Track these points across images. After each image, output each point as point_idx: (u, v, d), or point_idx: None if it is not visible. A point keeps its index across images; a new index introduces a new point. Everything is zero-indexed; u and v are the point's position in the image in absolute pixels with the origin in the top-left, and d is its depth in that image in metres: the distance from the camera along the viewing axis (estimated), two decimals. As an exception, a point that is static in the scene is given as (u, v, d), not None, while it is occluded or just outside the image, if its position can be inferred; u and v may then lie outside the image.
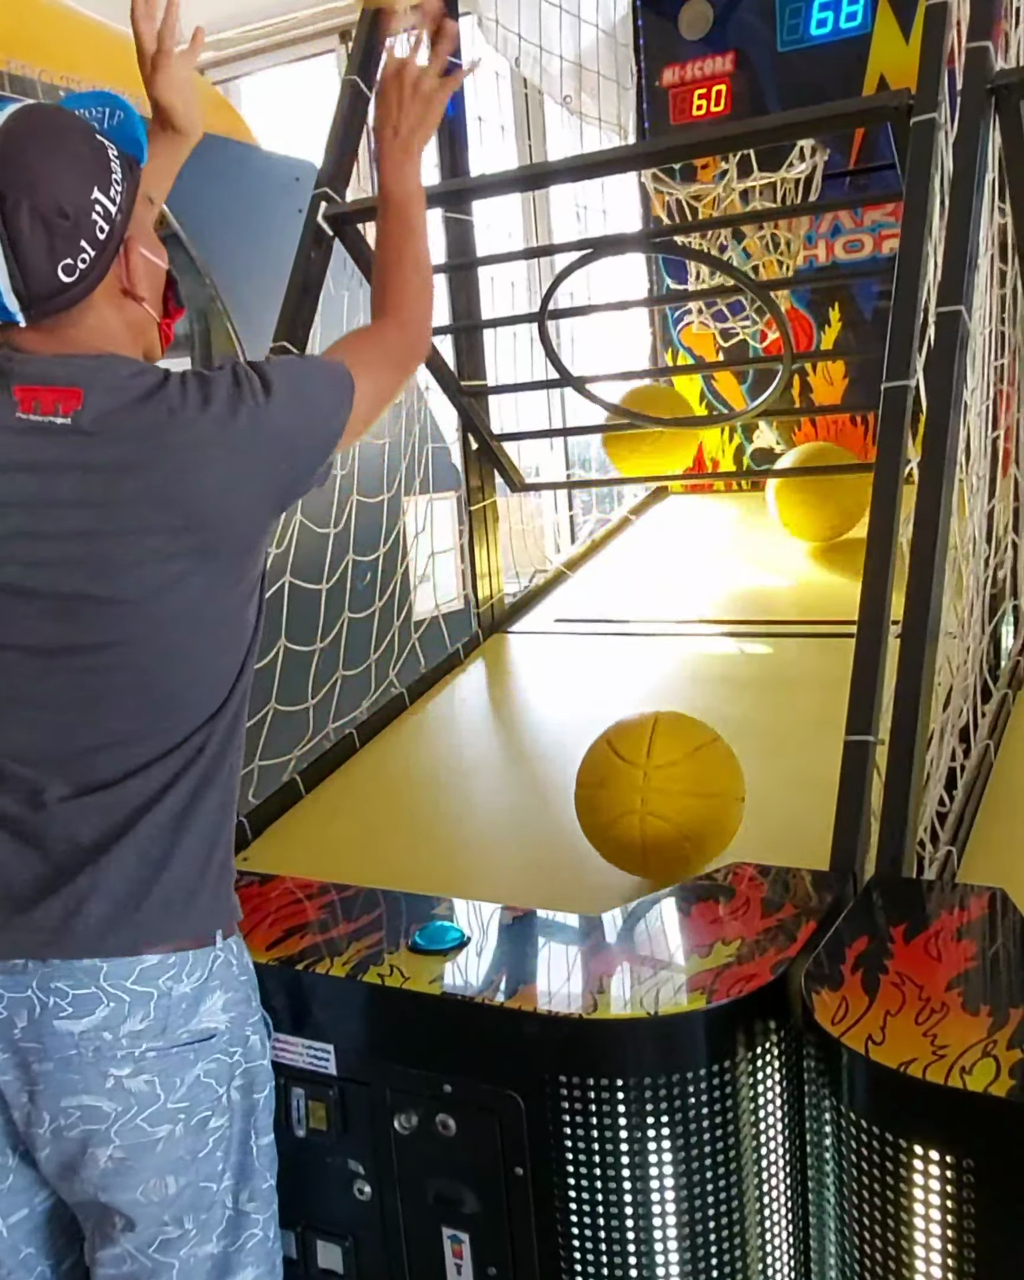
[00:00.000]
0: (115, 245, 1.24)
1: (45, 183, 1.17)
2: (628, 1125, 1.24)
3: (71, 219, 1.18)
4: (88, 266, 1.21)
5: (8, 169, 1.16)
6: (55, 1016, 1.21)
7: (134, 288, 1.28)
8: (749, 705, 2.47)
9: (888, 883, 1.48)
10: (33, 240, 1.16)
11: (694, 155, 3.07)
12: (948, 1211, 1.07)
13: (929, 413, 1.72)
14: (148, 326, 1.33)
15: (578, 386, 2.78)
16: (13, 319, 1.21)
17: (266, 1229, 1.34)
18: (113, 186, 1.22)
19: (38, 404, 1.20)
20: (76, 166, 1.20)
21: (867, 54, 3.52)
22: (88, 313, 1.24)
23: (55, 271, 1.18)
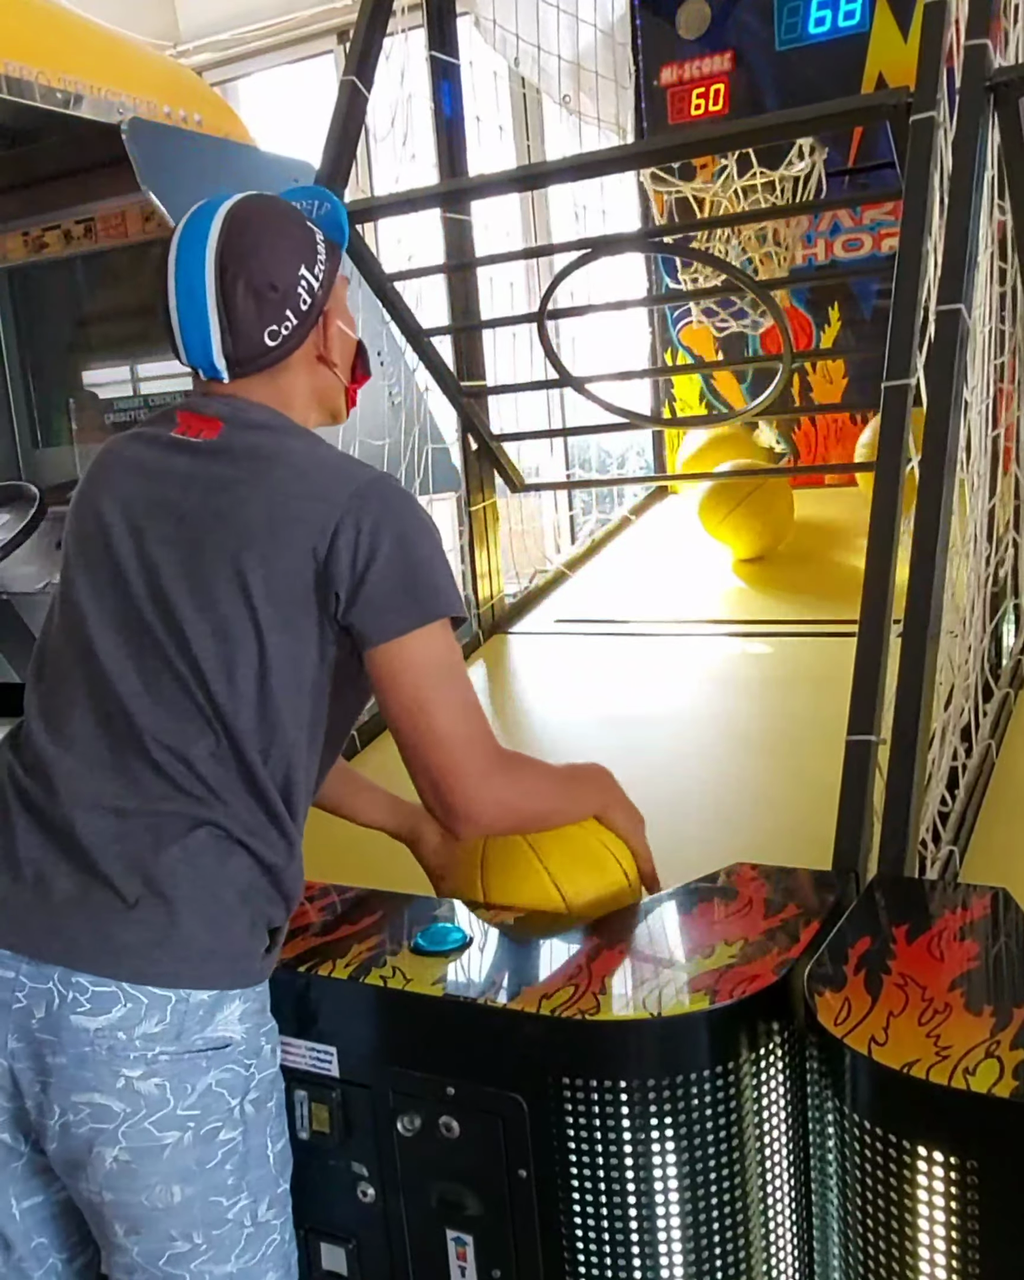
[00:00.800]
0: (315, 316, 1.40)
1: (261, 260, 1.35)
2: (631, 1127, 1.23)
3: (280, 292, 1.36)
4: (290, 334, 1.38)
5: (232, 248, 1.34)
6: (73, 1011, 1.22)
7: (329, 354, 1.44)
8: (750, 705, 2.47)
9: (890, 883, 1.48)
10: (245, 309, 1.34)
11: (692, 154, 3.08)
12: (951, 1213, 1.07)
13: (929, 411, 1.72)
14: (336, 391, 1.48)
15: (577, 386, 2.78)
16: (218, 376, 1.39)
17: (283, 1232, 1.35)
18: (317, 265, 1.39)
19: (188, 426, 1.38)
20: (288, 246, 1.37)
21: (865, 52, 3.52)
22: (283, 374, 1.41)
23: (262, 336, 1.36)
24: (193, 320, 1.35)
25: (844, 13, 3.55)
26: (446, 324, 3.00)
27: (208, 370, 1.39)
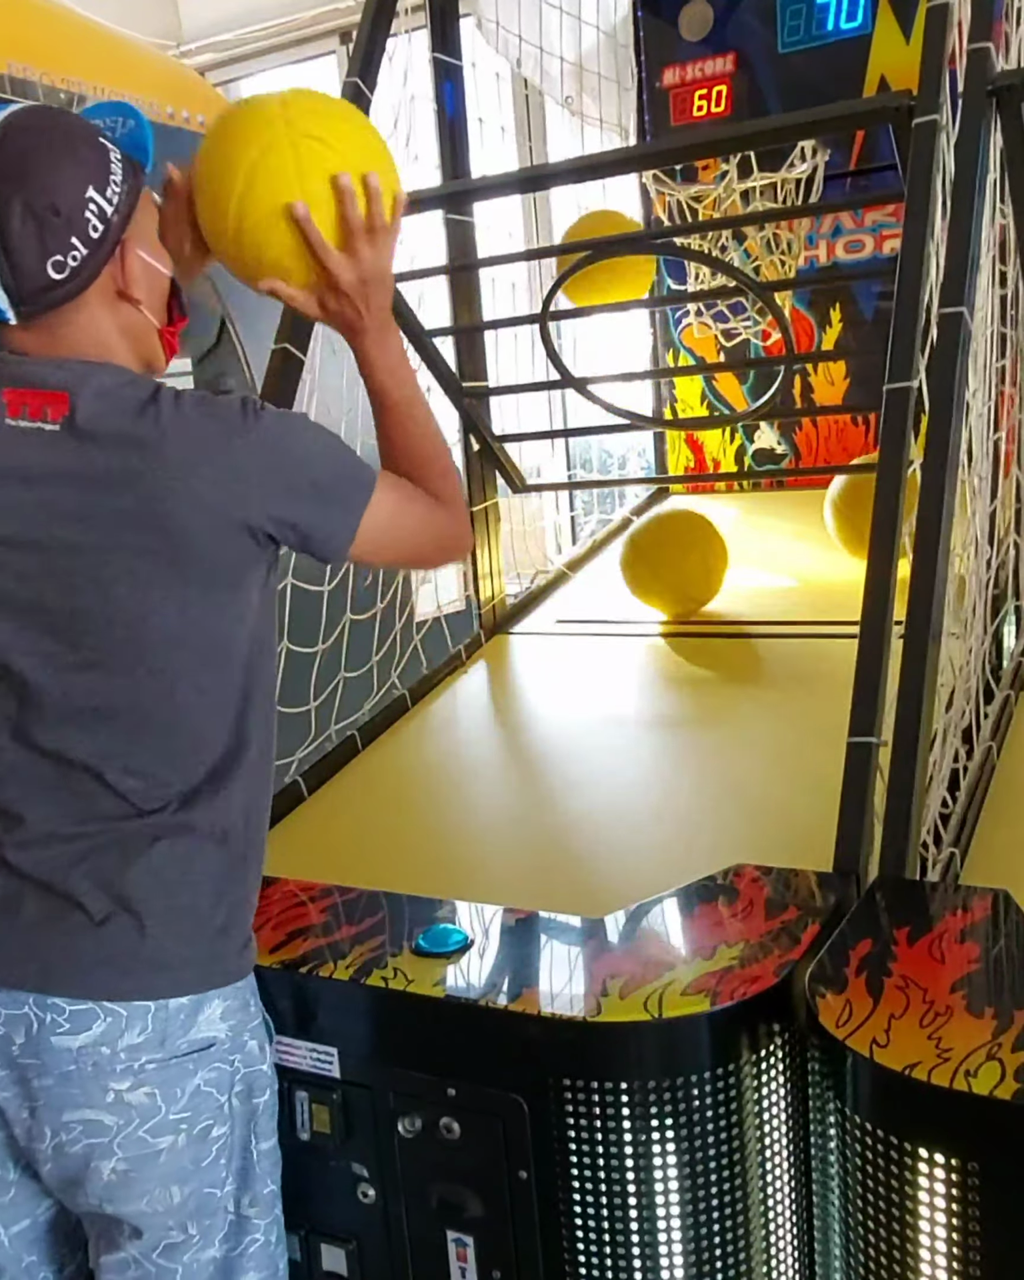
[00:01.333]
0: (110, 245, 1.22)
1: (39, 179, 1.17)
2: (632, 1128, 1.24)
3: (64, 215, 1.17)
4: (79, 264, 1.19)
5: (3, 165, 1.16)
6: (53, 1033, 1.20)
7: (129, 289, 1.26)
8: (751, 706, 2.47)
9: (891, 884, 1.48)
10: (23, 235, 1.16)
11: (695, 156, 3.08)
12: (952, 1215, 1.07)
13: (931, 414, 1.72)
14: (147, 332, 1.30)
15: (579, 387, 2.78)
16: (3, 316, 1.20)
17: (268, 1234, 1.34)
18: (111, 187, 1.21)
19: (26, 408, 1.20)
20: (73, 165, 1.19)
21: (867, 55, 3.52)
22: (80, 312, 1.23)
23: (45, 267, 1.18)
24: None
25: (846, 15, 3.56)
26: (449, 325, 3.00)
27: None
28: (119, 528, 1.19)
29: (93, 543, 1.19)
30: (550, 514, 4.34)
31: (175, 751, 1.26)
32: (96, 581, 1.20)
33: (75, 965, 1.21)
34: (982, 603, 2.12)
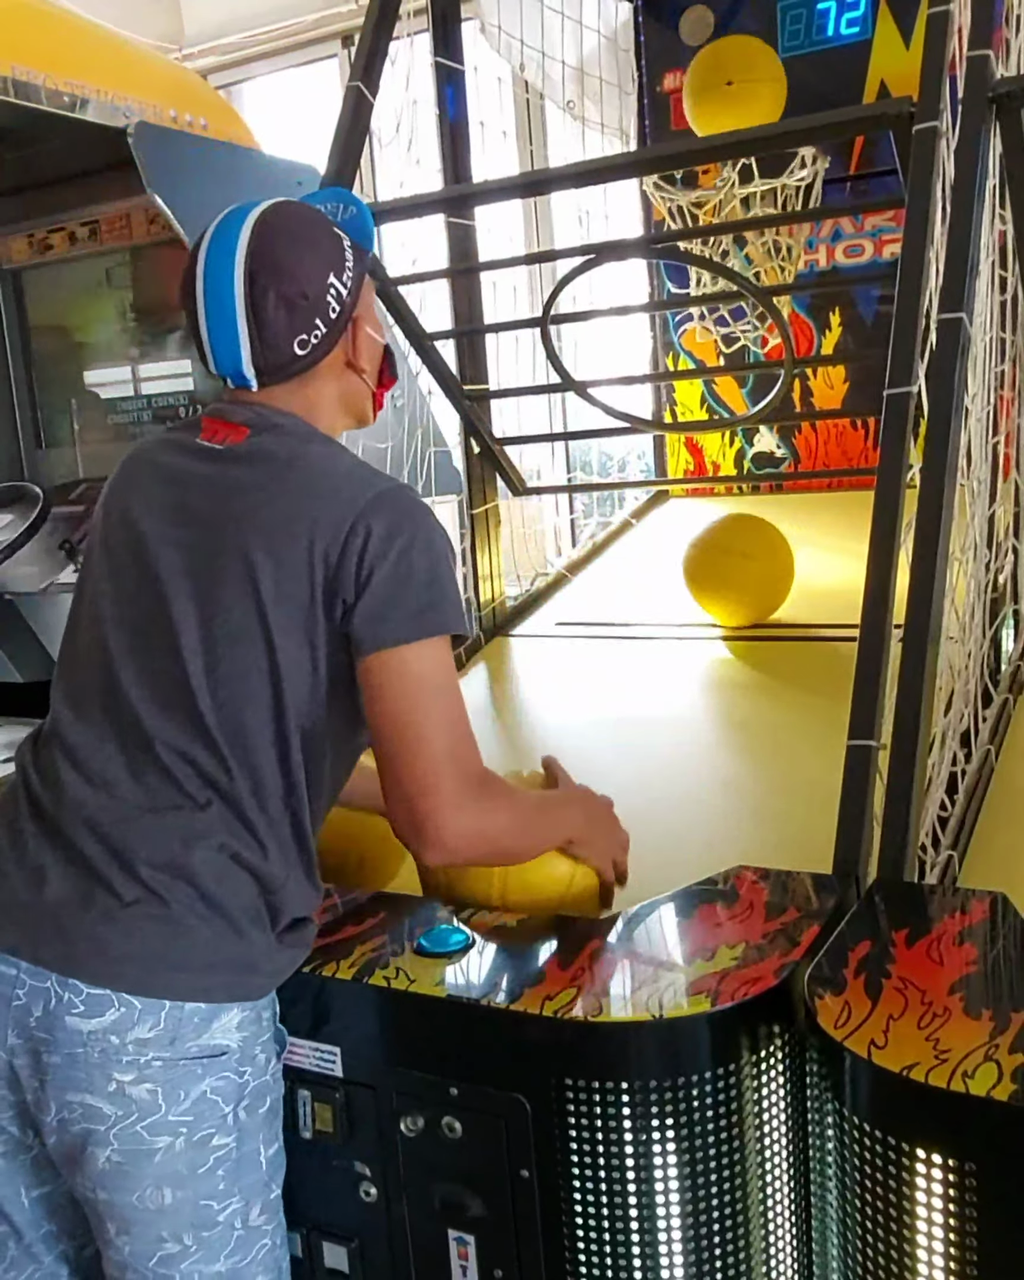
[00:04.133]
0: (344, 323, 1.39)
1: (291, 269, 1.33)
2: (632, 1128, 1.24)
3: (310, 300, 1.34)
4: (319, 342, 1.37)
5: (260, 257, 1.33)
6: (68, 1012, 1.22)
7: (357, 360, 1.43)
8: (751, 709, 2.48)
9: (890, 887, 1.49)
10: (275, 319, 1.33)
11: (696, 162, 3.09)
12: (950, 1215, 1.08)
13: (931, 418, 1.73)
14: (363, 396, 1.47)
15: (580, 390, 2.79)
16: (247, 385, 1.38)
17: (275, 1237, 1.35)
18: (346, 272, 1.38)
19: (214, 433, 1.37)
20: (317, 255, 1.36)
21: (867, 60, 3.54)
22: (312, 380, 1.40)
23: (292, 345, 1.35)
24: (222, 330, 1.34)
25: (847, 21, 3.57)
26: (450, 328, 3.01)
27: (237, 379, 1.37)
28: (237, 528, 1.30)
29: (216, 545, 1.31)
30: (550, 516, 4.35)
31: (241, 757, 1.29)
32: (213, 580, 1.30)
33: (102, 952, 1.22)
34: (980, 606, 2.12)
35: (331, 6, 5.64)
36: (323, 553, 1.27)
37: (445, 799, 1.26)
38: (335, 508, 1.29)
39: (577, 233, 3.84)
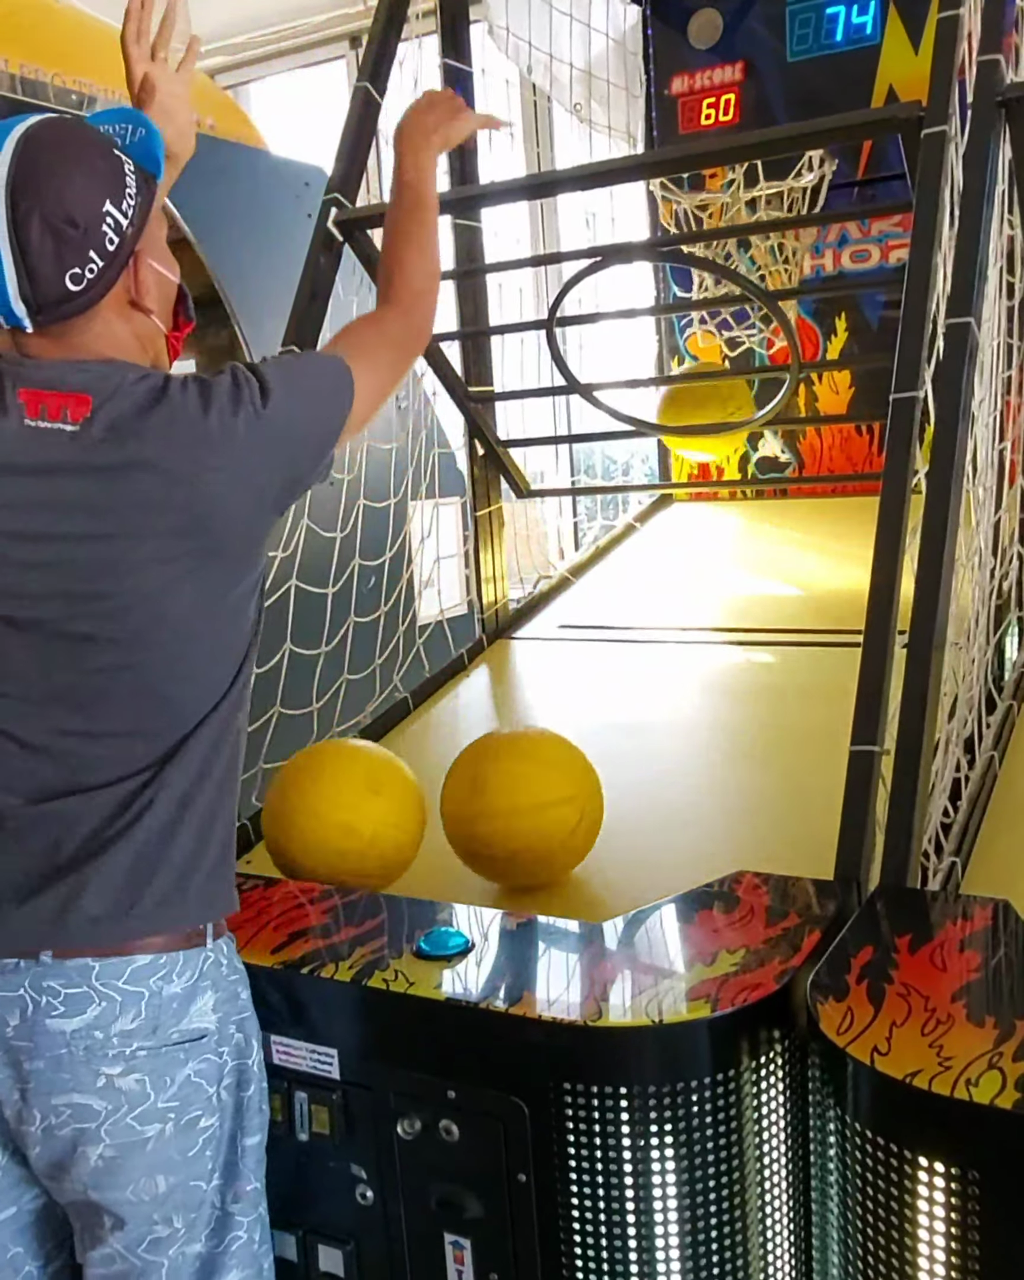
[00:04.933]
0: (125, 257, 1.26)
1: (57, 192, 1.19)
2: (631, 1133, 1.24)
3: (81, 228, 1.20)
4: (95, 276, 1.22)
5: (22, 178, 1.18)
6: (47, 1015, 1.22)
7: (142, 299, 1.30)
8: (753, 714, 2.47)
9: (892, 893, 1.48)
10: (42, 248, 1.19)
11: (702, 165, 3.08)
12: (952, 1224, 1.07)
13: (937, 424, 1.72)
14: (156, 338, 1.35)
15: (585, 393, 2.79)
16: (20, 324, 1.23)
17: (251, 1232, 1.34)
18: (126, 200, 1.24)
19: (45, 409, 1.23)
20: (90, 178, 1.22)
21: (876, 65, 3.53)
22: (94, 321, 1.26)
23: (63, 279, 1.20)
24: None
25: (855, 25, 3.57)
26: (455, 330, 3.01)
27: (8, 318, 1.22)
28: (141, 514, 1.22)
29: (115, 531, 1.22)
30: (553, 519, 4.35)
31: (168, 712, 1.29)
32: (115, 568, 1.23)
33: (71, 923, 1.23)
34: (985, 613, 2.12)
35: (339, 8, 5.65)
36: (256, 502, 1.29)
37: (422, 344, 1.51)
38: (235, 453, 1.25)
39: (583, 235, 3.84)
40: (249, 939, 1.48)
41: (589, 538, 3.84)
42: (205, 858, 1.30)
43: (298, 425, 1.32)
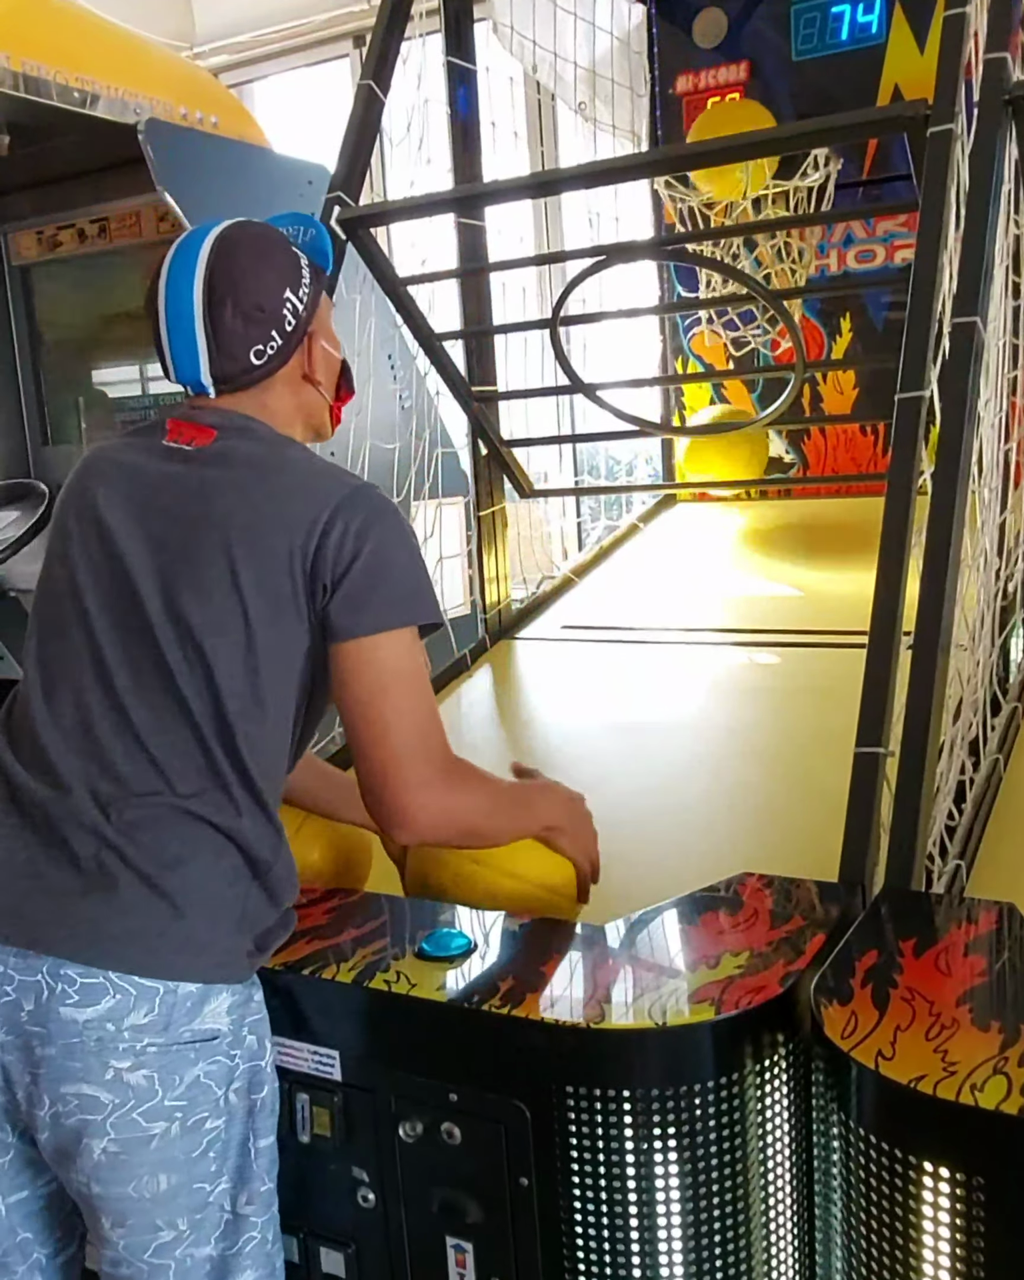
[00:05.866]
0: (299, 336, 1.45)
1: (248, 283, 1.40)
2: (634, 1136, 1.23)
3: (267, 313, 1.41)
4: (275, 353, 1.43)
5: (220, 271, 1.39)
6: (62, 1003, 1.23)
7: (313, 373, 1.49)
8: (757, 715, 2.47)
9: (897, 896, 1.48)
10: (232, 329, 1.39)
11: (707, 164, 3.07)
12: (957, 1230, 1.06)
13: (943, 424, 1.72)
14: (320, 408, 1.53)
15: (588, 393, 2.78)
16: (205, 392, 1.44)
17: (265, 1232, 1.35)
18: (302, 288, 1.44)
19: (181, 435, 1.42)
20: (274, 271, 1.42)
21: (881, 64, 3.53)
22: (269, 390, 1.46)
23: (248, 355, 1.41)
24: (182, 340, 1.41)
25: (861, 24, 3.56)
26: (459, 329, 3.00)
27: (196, 387, 1.44)
28: (213, 533, 1.34)
29: (193, 545, 1.34)
30: (557, 519, 4.34)
31: (217, 742, 1.32)
32: (188, 583, 1.33)
33: (100, 935, 1.24)
34: (990, 614, 2.11)
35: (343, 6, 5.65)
36: (302, 546, 1.33)
37: (414, 776, 1.32)
38: (313, 503, 1.34)
39: (587, 234, 3.83)
40: (250, 940, 1.47)
41: (592, 538, 3.84)
42: (238, 914, 1.31)
43: (385, 568, 1.35)
